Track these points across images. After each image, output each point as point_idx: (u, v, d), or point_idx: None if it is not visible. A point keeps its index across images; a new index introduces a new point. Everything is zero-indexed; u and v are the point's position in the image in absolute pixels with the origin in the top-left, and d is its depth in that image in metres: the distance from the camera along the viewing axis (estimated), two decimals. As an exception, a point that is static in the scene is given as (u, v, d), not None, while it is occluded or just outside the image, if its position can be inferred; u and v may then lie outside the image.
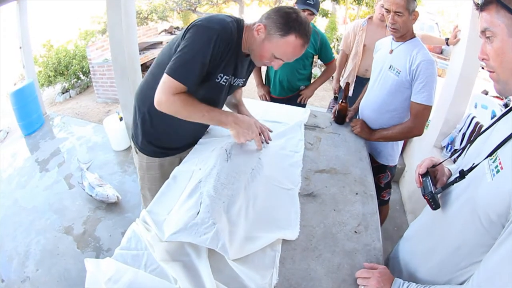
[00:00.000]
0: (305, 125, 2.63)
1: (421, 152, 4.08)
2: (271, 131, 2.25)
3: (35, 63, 7.68)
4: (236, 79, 2.10)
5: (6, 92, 6.74)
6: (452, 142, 3.62)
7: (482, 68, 1.15)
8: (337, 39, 11.61)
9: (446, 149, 3.66)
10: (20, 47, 6.36)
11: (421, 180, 1.43)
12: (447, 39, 3.79)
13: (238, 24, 1.91)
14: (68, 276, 3.20)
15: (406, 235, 1.63)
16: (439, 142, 3.80)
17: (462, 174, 1.19)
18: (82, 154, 5.23)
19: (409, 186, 4.24)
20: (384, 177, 2.87)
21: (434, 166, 1.49)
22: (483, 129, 1.24)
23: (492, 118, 3.60)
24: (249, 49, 1.95)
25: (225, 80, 1.97)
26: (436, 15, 18.52)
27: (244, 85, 2.32)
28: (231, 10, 20.60)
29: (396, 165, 2.87)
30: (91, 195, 4.10)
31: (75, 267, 3.24)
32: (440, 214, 1.30)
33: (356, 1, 12.96)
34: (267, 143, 2.01)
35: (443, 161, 1.52)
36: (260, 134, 2.06)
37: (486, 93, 4.31)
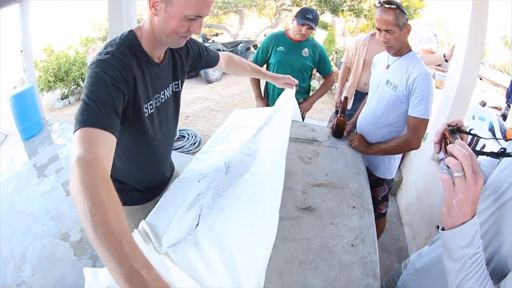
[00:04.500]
0: (303, 139, 2.67)
1: (418, 165, 4.11)
2: None
3: (35, 67, 7.68)
4: (163, 91, 1.81)
5: (6, 95, 6.74)
6: None
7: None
8: (336, 52, 11.63)
9: (443, 162, 3.67)
10: (21, 51, 6.35)
11: (449, 138, 1.30)
12: (445, 55, 3.85)
13: (129, 39, 1.59)
14: (65, 282, 3.18)
15: (418, 267, 1.63)
16: (436, 155, 3.81)
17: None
18: (80, 162, 5.18)
19: (406, 198, 4.26)
20: (381, 190, 2.89)
21: (459, 129, 1.36)
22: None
23: (489, 130, 3.64)
24: (159, 41, 1.60)
25: (151, 107, 1.71)
26: (434, 26, 18.62)
27: (180, 86, 1.98)
28: (231, 21, 20.69)
29: (393, 178, 2.90)
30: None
31: (72, 274, 3.24)
32: None
33: (355, 14, 12.99)
34: None
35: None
36: None
37: (484, 104, 4.35)
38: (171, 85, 1.88)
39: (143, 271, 0.91)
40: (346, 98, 2.79)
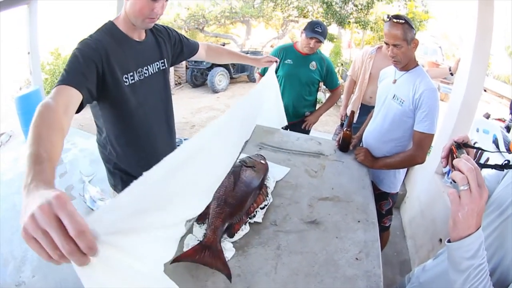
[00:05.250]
0: (309, 152, 2.70)
1: (422, 179, 4.11)
2: None
3: (42, 70, 7.72)
4: (147, 66, 2.04)
5: (11, 96, 6.76)
6: None
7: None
8: (342, 64, 11.66)
9: (447, 176, 3.69)
10: (28, 53, 6.37)
11: (456, 153, 1.33)
12: (450, 68, 3.87)
13: (106, 27, 1.90)
14: (65, 285, 3.17)
15: (423, 281, 1.64)
16: (440, 168, 3.82)
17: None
18: (84, 167, 5.22)
19: (410, 212, 4.26)
20: (385, 204, 2.90)
21: (465, 144, 1.41)
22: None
23: (493, 142, 3.66)
24: (132, 23, 1.89)
25: (132, 78, 1.93)
26: (439, 38, 18.63)
27: (167, 66, 2.23)
28: (238, 31, 20.71)
29: (397, 192, 2.91)
30: (92, 209, 4.10)
31: (72, 276, 3.13)
32: None
33: (362, 26, 13.00)
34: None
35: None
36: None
37: (488, 116, 4.35)
38: (157, 62, 2.13)
39: (33, 185, 0.89)
40: (352, 112, 2.81)
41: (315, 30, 3.47)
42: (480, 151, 3.21)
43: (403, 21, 2.29)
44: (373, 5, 12.87)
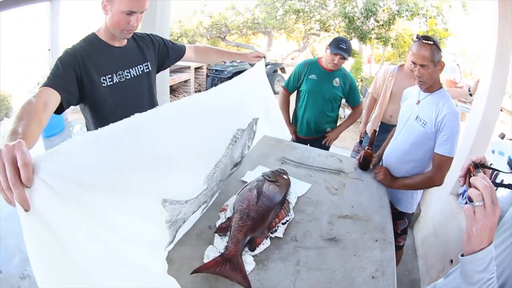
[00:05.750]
0: (330, 169, 2.70)
1: (437, 199, 4.07)
2: None
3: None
4: (128, 70, 2.22)
5: (29, 90, 6.84)
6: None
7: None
8: (361, 80, 11.67)
9: (462, 197, 3.66)
10: (49, 49, 6.43)
11: (473, 172, 1.39)
12: (469, 89, 3.87)
13: (87, 37, 2.12)
14: None
15: None
16: (455, 189, 3.79)
17: None
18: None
19: (423, 231, 4.23)
20: (401, 223, 2.90)
21: (482, 165, 1.47)
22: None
23: (508, 163, 3.64)
24: (112, 33, 2.11)
25: (110, 80, 2.12)
26: (458, 55, 18.47)
27: (152, 69, 2.41)
28: (260, 42, 20.68)
29: (414, 212, 2.91)
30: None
31: None
32: None
33: (383, 42, 12.94)
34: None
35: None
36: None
37: (503, 136, 4.33)
38: (141, 65, 2.31)
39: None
40: (375, 131, 2.82)
41: (340, 47, 3.48)
42: (495, 172, 3.22)
43: (431, 43, 2.30)
44: (394, 21, 12.83)
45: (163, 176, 1.47)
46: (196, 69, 12.77)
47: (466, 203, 1.17)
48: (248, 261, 1.68)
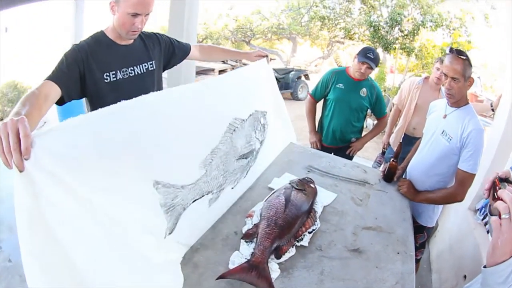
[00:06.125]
0: (355, 180, 2.70)
1: (455, 214, 4.03)
2: None
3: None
4: (133, 67, 2.28)
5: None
6: (486, 205, 3.51)
7: None
8: (384, 90, 11.51)
9: (480, 212, 3.62)
10: None
11: (499, 185, 1.37)
12: (491, 104, 3.85)
13: (95, 34, 2.20)
14: None
15: None
16: (473, 205, 3.74)
17: None
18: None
19: (439, 246, 4.19)
20: (420, 237, 2.87)
21: (507, 180, 1.43)
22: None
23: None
24: (119, 32, 2.18)
25: (114, 76, 2.18)
26: (479, 68, 18.26)
27: (157, 67, 2.46)
28: (284, 47, 20.59)
29: (433, 226, 2.90)
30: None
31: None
32: None
33: (406, 52, 12.83)
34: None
35: None
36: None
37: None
38: (146, 64, 2.36)
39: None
40: (401, 144, 2.81)
41: (367, 56, 3.47)
42: None
43: (464, 57, 2.29)
44: (419, 31, 12.72)
45: (153, 157, 1.54)
46: (220, 71, 12.82)
47: (484, 218, 1.18)
48: (274, 268, 1.69)
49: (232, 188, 2.21)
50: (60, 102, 1.97)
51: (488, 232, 3.21)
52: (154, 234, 1.56)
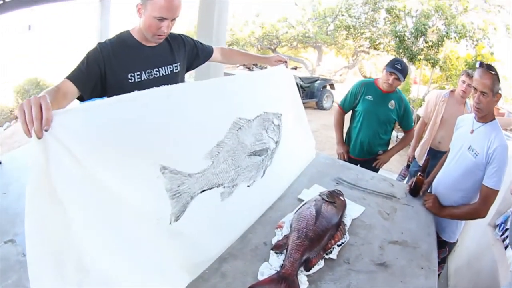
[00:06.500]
0: (383, 193, 2.71)
1: (475, 229, 3.98)
2: None
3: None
4: (158, 68, 2.29)
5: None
6: (505, 221, 3.52)
7: None
8: (409, 101, 11.29)
9: (499, 228, 3.58)
10: None
11: None
12: None
13: (121, 34, 2.22)
14: None
15: None
16: (493, 220, 3.71)
17: None
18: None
19: (457, 261, 4.12)
20: (442, 252, 2.84)
21: None
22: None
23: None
24: (144, 35, 2.18)
25: (139, 77, 2.19)
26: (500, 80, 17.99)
27: (181, 69, 2.47)
28: (309, 55, 20.45)
29: (455, 242, 2.89)
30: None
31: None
32: None
33: (431, 63, 12.66)
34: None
35: None
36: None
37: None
38: (170, 66, 2.36)
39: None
40: (428, 159, 2.82)
41: (395, 66, 3.47)
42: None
43: (493, 72, 2.29)
44: (443, 43, 12.55)
45: (161, 144, 1.61)
46: (246, 77, 12.84)
47: (503, 233, 1.21)
48: (303, 281, 1.70)
49: (248, 186, 2.22)
50: (81, 98, 2.04)
51: (506, 247, 3.20)
52: (160, 220, 1.62)
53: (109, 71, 2.08)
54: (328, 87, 14.04)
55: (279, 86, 2.73)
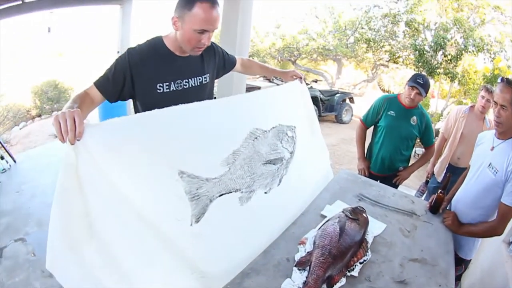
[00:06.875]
0: (404, 210, 2.71)
1: (489, 246, 3.90)
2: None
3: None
4: (187, 79, 2.28)
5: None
6: None
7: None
8: (427, 116, 11.14)
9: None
10: (118, 52, 6.61)
11: None
12: None
13: (153, 40, 2.20)
14: None
15: None
16: (508, 237, 3.69)
17: None
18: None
19: (470, 278, 4.02)
20: (458, 269, 2.85)
21: None
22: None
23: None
24: (181, 47, 2.17)
25: (168, 87, 2.18)
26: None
27: (210, 80, 2.47)
28: (328, 68, 20.33)
29: (471, 259, 2.89)
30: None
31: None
32: None
33: (450, 78, 12.51)
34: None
35: None
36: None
37: None
38: (200, 77, 2.35)
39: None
40: (449, 176, 2.81)
41: (417, 81, 3.47)
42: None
43: None
44: (462, 56, 12.39)
45: (180, 151, 1.77)
46: (265, 90, 12.82)
47: None
48: (325, 298, 1.72)
49: (266, 193, 2.30)
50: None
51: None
52: (179, 219, 1.76)
53: (136, 79, 2.10)
54: (347, 101, 13.95)
55: (294, 101, 2.82)
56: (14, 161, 6.21)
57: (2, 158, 5.96)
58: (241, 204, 2.09)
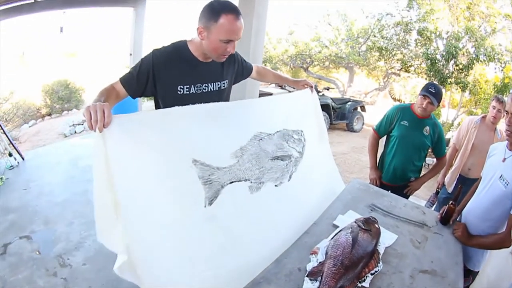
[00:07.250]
0: (415, 221, 2.70)
1: (496, 257, 3.87)
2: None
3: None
4: (207, 84, 2.36)
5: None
6: None
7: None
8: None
9: None
10: (130, 54, 6.64)
11: None
12: None
13: (178, 44, 2.29)
14: (118, 286, 2.86)
15: None
16: None
17: None
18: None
19: None
20: (466, 281, 2.83)
21: None
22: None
23: None
24: (206, 53, 2.25)
25: (188, 90, 2.27)
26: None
27: (228, 86, 2.56)
28: (340, 76, 20.34)
29: (479, 271, 2.88)
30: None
31: (131, 284, 2.10)
32: None
33: (461, 87, 12.41)
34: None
35: None
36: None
37: None
38: (218, 82, 2.44)
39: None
40: (461, 187, 2.78)
41: (429, 90, 3.46)
42: None
43: None
44: (473, 65, 12.28)
45: (194, 144, 1.99)
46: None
47: None
48: (336, 308, 1.74)
49: (276, 186, 2.47)
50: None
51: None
52: (194, 199, 1.97)
53: (159, 79, 2.20)
54: (359, 109, 13.92)
55: (302, 108, 2.89)
56: (23, 158, 6.28)
57: (10, 155, 6.04)
58: (251, 192, 2.27)
